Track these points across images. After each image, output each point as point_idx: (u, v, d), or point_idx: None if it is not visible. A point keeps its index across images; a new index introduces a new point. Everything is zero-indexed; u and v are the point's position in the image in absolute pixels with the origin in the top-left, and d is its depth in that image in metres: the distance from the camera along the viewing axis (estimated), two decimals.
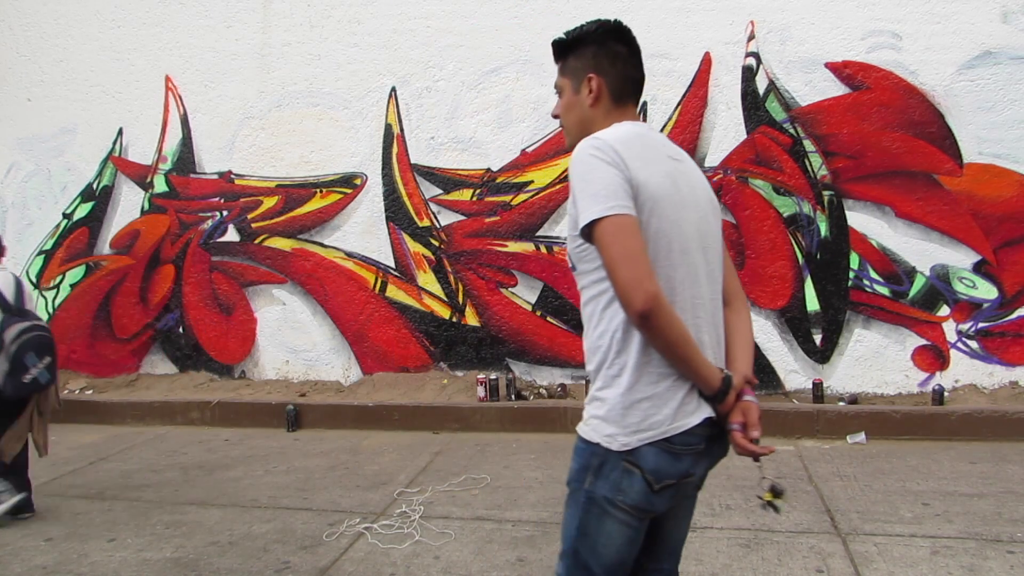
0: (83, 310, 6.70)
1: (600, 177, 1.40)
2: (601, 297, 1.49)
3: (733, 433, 1.49)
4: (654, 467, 1.46)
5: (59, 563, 3.30)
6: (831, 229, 5.28)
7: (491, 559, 3.20)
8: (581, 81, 1.60)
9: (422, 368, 6.04)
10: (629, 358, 1.45)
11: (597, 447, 1.50)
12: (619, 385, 1.46)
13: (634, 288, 1.35)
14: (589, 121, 1.59)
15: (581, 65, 1.60)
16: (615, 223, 1.37)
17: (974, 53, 5.01)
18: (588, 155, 1.42)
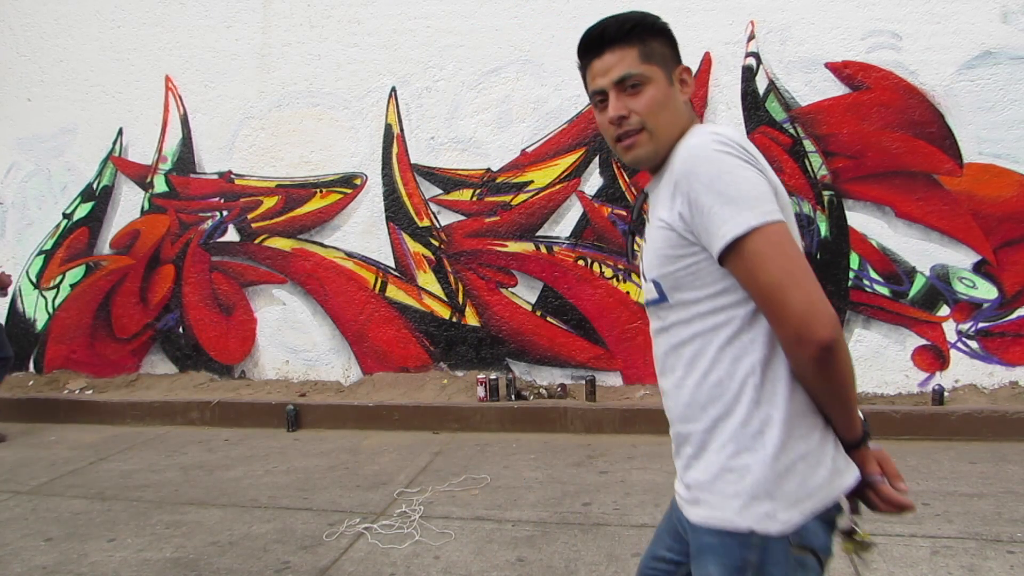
0: (83, 310, 6.70)
1: (744, 178, 1.12)
2: (719, 332, 1.19)
3: (879, 487, 1.24)
4: (824, 545, 1.17)
5: (59, 563, 3.30)
6: (831, 229, 5.28)
7: (491, 559, 3.20)
8: (672, 72, 1.32)
9: (422, 368, 6.04)
10: (775, 409, 1.16)
11: (750, 536, 1.13)
12: (765, 445, 1.14)
13: (815, 313, 1.07)
14: (686, 121, 1.31)
15: (670, 53, 1.32)
16: (776, 232, 1.10)
17: (974, 53, 5.01)
18: (717, 152, 1.15)
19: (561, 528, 3.51)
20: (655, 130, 1.28)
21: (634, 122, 1.28)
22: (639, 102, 1.28)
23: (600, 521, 3.58)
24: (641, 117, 1.27)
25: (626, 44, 1.28)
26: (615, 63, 1.28)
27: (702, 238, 1.16)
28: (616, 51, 1.28)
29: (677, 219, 1.19)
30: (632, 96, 1.27)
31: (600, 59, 1.29)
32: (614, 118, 1.29)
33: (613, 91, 1.28)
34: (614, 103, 1.28)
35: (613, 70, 1.28)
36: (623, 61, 1.27)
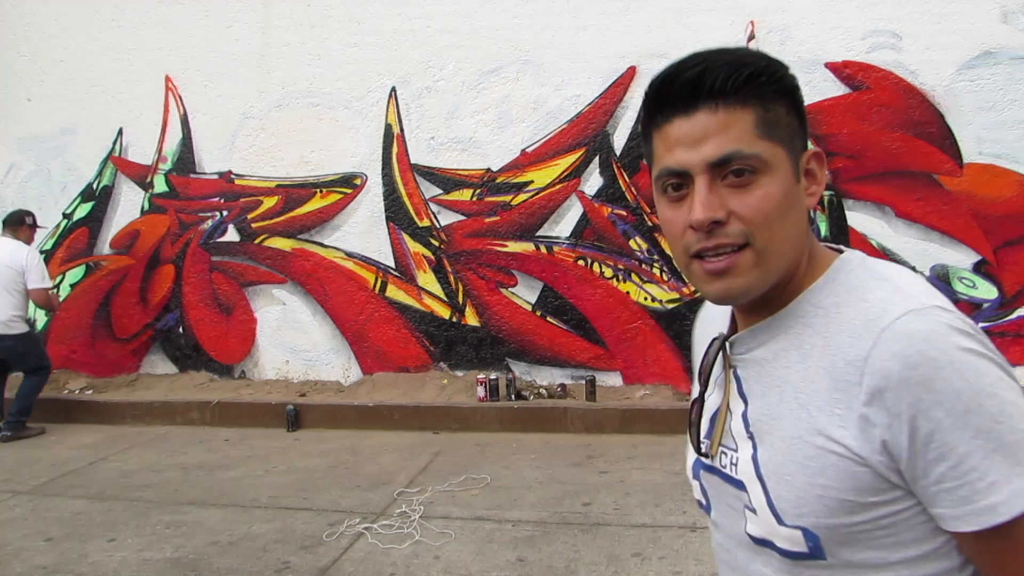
0: (83, 310, 6.69)
1: (1018, 406, 0.74)
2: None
3: None
4: None
5: (59, 563, 3.30)
6: (831, 229, 5.28)
7: (491, 559, 3.20)
8: (800, 158, 0.86)
9: (422, 368, 6.04)
10: None
11: None
12: None
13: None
14: (807, 241, 0.88)
15: (799, 128, 0.86)
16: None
17: (974, 53, 5.01)
18: (967, 353, 0.74)
19: (561, 528, 3.51)
20: (768, 250, 0.82)
21: (735, 232, 0.81)
22: (748, 201, 0.81)
23: (600, 521, 3.58)
24: (748, 227, 0.81)
25: (738, 103, 0.80)
26: (716, 131, 0.80)
27: (926, 488, 0.75)
28: (720, 111, 0.80)
29: (876, 450, 0.76)
30: (736, 190, 0.81)
31: (688, 118, 0.81)
32: (703, 222, 0.80)
33: (704, 177, 0.81)
34: (705, 197, 0.80)
35: (710, 142, 0.80)
36: (731, 130, 0.80)
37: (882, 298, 0.80)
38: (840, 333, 0.81)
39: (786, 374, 0.85)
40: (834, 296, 0.85)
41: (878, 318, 0.78)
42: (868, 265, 0.87)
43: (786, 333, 0.87)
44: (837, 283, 0.86)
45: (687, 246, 0.84)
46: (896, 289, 0.81)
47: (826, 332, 0.83)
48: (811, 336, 0.84)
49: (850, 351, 0.79)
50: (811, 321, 0.85)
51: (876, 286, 0.83)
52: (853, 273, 0.86)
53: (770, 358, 0.88)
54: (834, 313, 0.83)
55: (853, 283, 0.85)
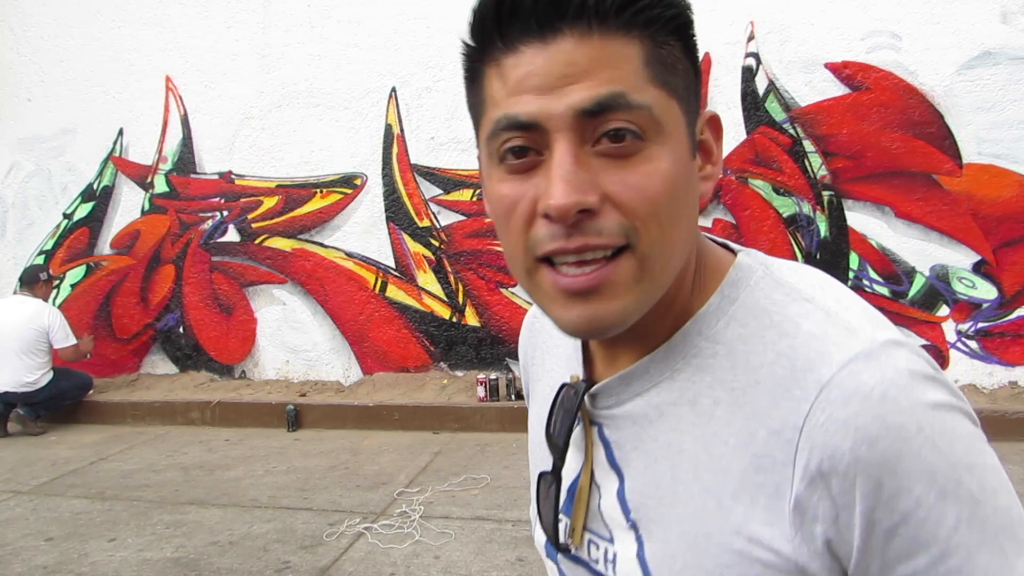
0: (83, 310, 6.70)
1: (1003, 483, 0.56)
2: None
3: None
4: None
5: (59, 563, 3.30)
6: (831, 229, 5.28)
7: (491, 559, 3.20)
8: (696, 122, 0.62)
9: (422, 368, 6.04)
10: None
11: None
12: None
13: None
14: (698, 240, 0.67)
15: (694, 78, 0.62)
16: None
17: (974, 53, 5.02)
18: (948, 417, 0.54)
19: None
20: (653, 256, 0.57)
21: (611, 228, 0.55)
22: (630, 179, 0.55)
23: None
24: (629, 220, 0.55)
25: (621, 30, 0.55)
26: (589, 66, 0.54)
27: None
28: (596, 39, 0.54)
29: (817, 551, 0.55)
30: (614, 163, 0.55)
31: (545, 47, 0.55)
32: (566, 208, 0.54)
33: (569, 137, 0.55)
34: (570, 169, 0.54)
35: (581, 83, 0.54)
36: (610, 67, 0.54)
37: (810, 331, 0.57)
38: (755, 385, 0.58)
39: (679, 440, 0.61)
40: (737, 325, 0.61)
41: (812, 367, 0.55)
42: (775, 274, 0.64)
43: (672, 380, 0.62)
44: (738, 304, 0.62)
45: (533, 243, 0.57)
46: (826, 315, 0.58)
47: (733, 382, 0.59)
48: (711, 386, 0.60)
49: (774, 416, 0.56)
50: (707, 363, 0.61)
51: (796, 310, 0.59)
52: (758, 288, 0.62)
53: (652, 416, 0.63)
54: (740, 351, 0.59)
55: (761, 304, 0.61)
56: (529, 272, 0.60)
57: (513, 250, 0.60)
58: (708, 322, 0.62)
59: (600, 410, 0.67)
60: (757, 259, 0.66)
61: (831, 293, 0.62)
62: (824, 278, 0.65)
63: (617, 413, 0.66)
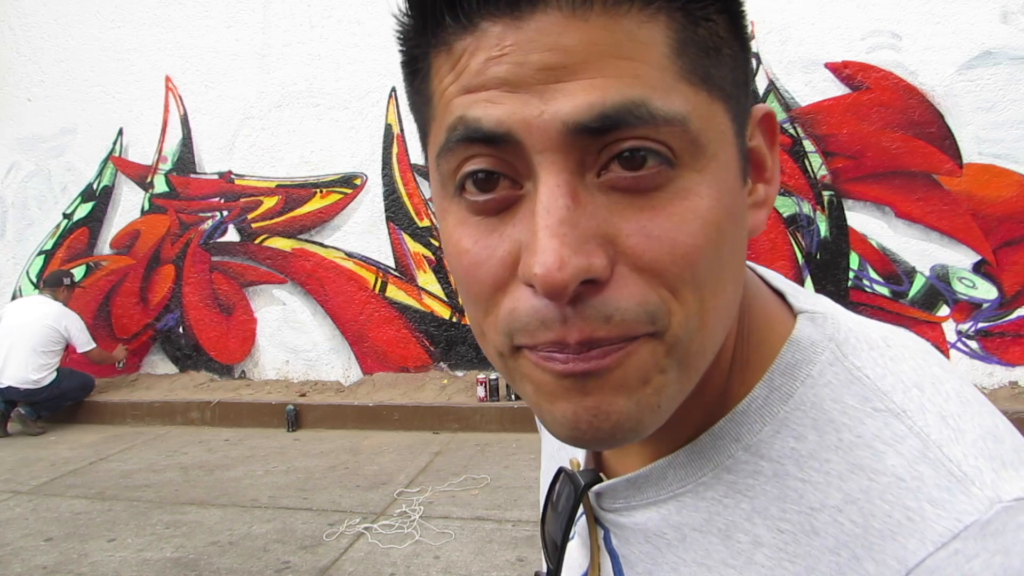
0: (83, 310, 6.69)
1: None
2: None
3: None
4: None
5: (59, 563, 3.30)
6: (831, 229, 5.28)
7: (491, 559, 3.20)
8: (745, 128, 0.43)
9: (422, 368, 6.04)
10: None
11: None
12: None
13: None
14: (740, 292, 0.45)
15: (743, 67, 0.42)
16: None
17: (974, 53, 5.01)
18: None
19: None
20: (692, 333, 0.39)
21: (629, 307, 0.37)
22: (660, 231, 0.37)
23: None
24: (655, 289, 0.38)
25: (641, 4, 0.37)
26: (589, 53, 0.36)
27: None
28: (593, 12, 0.36)
29: None
30: (629, 204, 0.38)
31: (518, 22, 0.36)
32: (557, 280, 0.35)
33: (561, 162, 0.37)
34: (563, 209, 0.36)
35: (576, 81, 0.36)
36: (622, 55, 0.36)
37: (897, 473, 0.39)
38: (811, 535, 0.40)
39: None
40: (790, 436, 0.43)
41: (895, 534, 0.37)
42: (850, 358, 0.45)
43: (697, 496, 0.46)
44: (793, 405, 0.44)
45: (511, 327, 0.40)
46: (924, 446, 0.40)
47: (781, 520, 0.42)
48: (750, 519, 0.43)
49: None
50: (745, 483, 0.44)
51: (878, 430, 0.41)
52: (823, 381, 0.44)
53: (671, 538, 0.47)
54: (793, 478, 0.42)
55: (827, 409, 0.43)
56: (503, 357, 0.42)
57: (481, 323, 0.42)
58: (750, 425, 0.44)
59: (607, 512, 0.51)
60: (825, 329, 0.46)
61: (935, 401, 0.42)
62: (925, 365, 0.45)
63: (626, 523, 0.50)
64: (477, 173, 0.39)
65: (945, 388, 0.43)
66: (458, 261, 0.41)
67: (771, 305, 0.49)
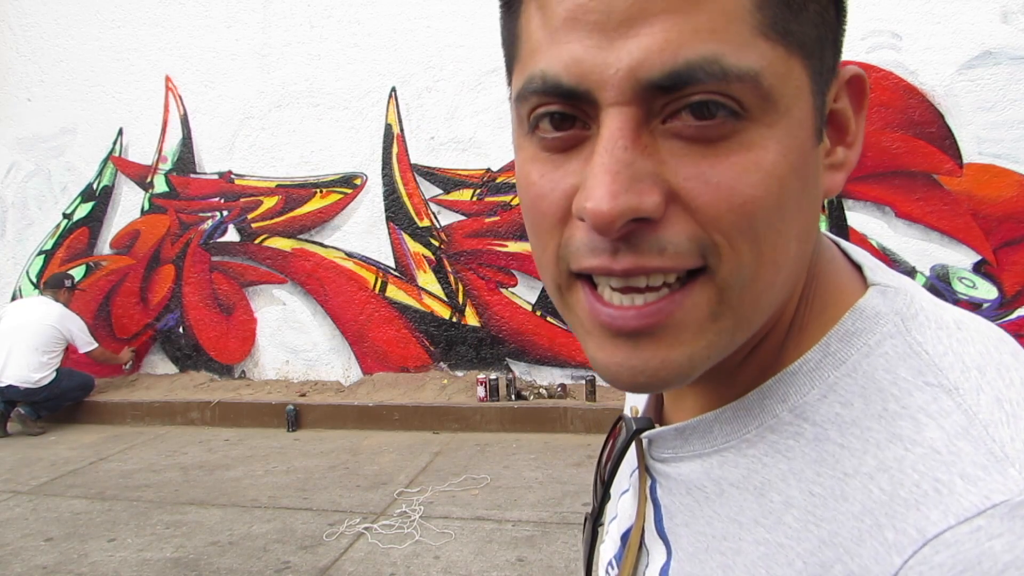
0: (83, 310, 6.69)
1: None
2: None
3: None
4: None
5: (59, 563, 3.30)
6: (831, 229, 5.28)
7: (491, 559, 3.20)
8: (827, 89, 0.43)
9: (422, 368, 6.04)
10: None
11: None
12: None
13: None
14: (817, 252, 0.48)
15: (834, 22, 0.42)
16: None
17: (974, 53, 5.01)
18: None
19: (561, 528, 3.51)
20: (745, 285, 0.40)
21: (679, 244, 0.39)
22: (718, 176, 0.38)
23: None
24: (710, 232, 0.39)
25: None
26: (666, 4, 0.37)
27: None
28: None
29: None
30: (696, 149, 0.38)
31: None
32: (611, 218, 0.37)
33: (628, 112, 0.38)
34: (620, 154, 0.38)
35: (650, 29, 0.37)
36: (699, 4, 0.37)
37: (934, 444, 0.38)
38: (841, 499, 0.40)
39: (736, 536, 0.45)
40: (837, 402, 0.43)
41: (920, 503, 0.37)
42: (913, 333, 0.43)
43: (739, 452, 0.46)
44: (845, 371, 0.43)
45: (566, 252, 0.42)
46: (968, 422, 0.38)
47: (814, 483, 0.42)
48: (784, 479, 0.43)
49: (856, 555, 0.38)
50: (786, 444, 0.44)
51: (925, 403, 0.40)
52: (880, 351, 0.43)
53: (711, 491, 0.47)
54: (833, 443, 0.42)
55: (879, 378, 0.42)
56: (560, 289, 0.44)
57: (541, 255, 0.44)
58: (798, 387, 0.44)
59: (655, 461, 0.53)
60: (895, 303, 0.45)
61: (995, 384, 0.40)
62: (995, 352, 0.42)
63: (672, 473, 0.51)
64: (552, 114, 0.41)
65: (1011, 375, 0.41)
66: (526, 193, 0.44)
67: (844, 275, 0.49)
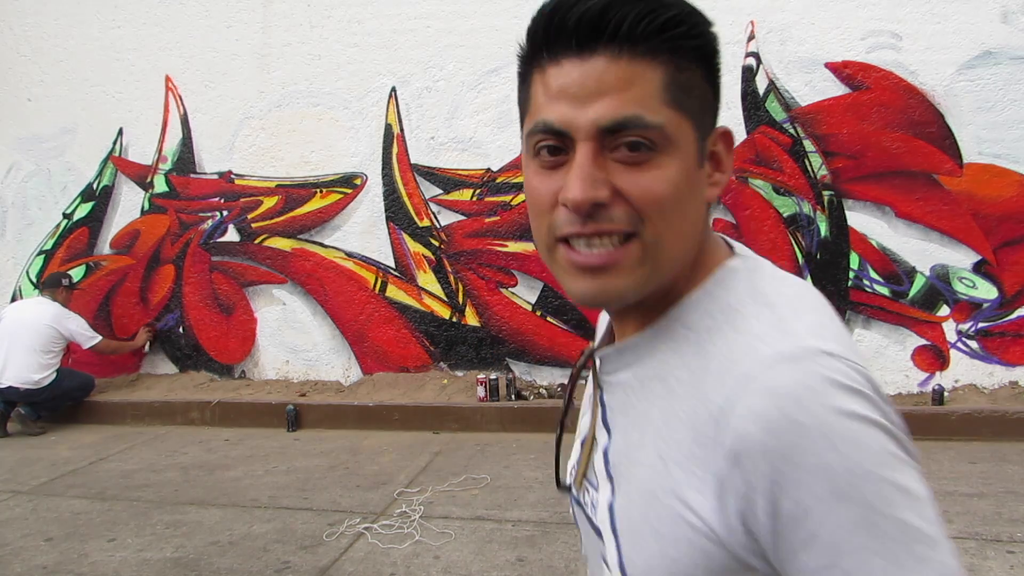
0: (83, 310, 6.69)
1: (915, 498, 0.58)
2: None
3: None
4: None
5: (59, 563, 3.30)
6: (831, 229, 5.28)
7: (491, 559, 3.20)
8: (708, 137, 0.71)
9: (422, 368, 6.04)
10: None
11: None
12: None
13: None
14: (703, 238, 0.74)
15: (711, 99, 0.71)
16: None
17: (974, 53, 5.01)
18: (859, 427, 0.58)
19: (561, 528, 3.51)
20: (658, 244, 0.66)
21: (620, 217, 0.65)
22: (640, 182, 0.65)
23: None
24: (637, 212, 0.65)
25: (647, 55, 0.64)
26: (614, 86, 0.64)
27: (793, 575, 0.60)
28: (624, 61, 0.64)
29: (733, 525, 0.61)
30: (628, 168, 0.65)
31: (581, 63, 0.64)
32: (581, 203, 0.64)
33: (590, 146, 0.64)
34: (587, 171, 0.64)
35: (605, 100, 0.64)
36: (632, 89, 0.64)
37: (756, 332, 0.65)
38: (705, 371, 0.66)
39: (649, 410, 0.70)
40: (708, 317, 0.69)
41: (743, 360, 0.63)
42: (756, 278, 0.71)
43: (652, 356, 0.72)
44: (714, 299, 0.70)
45: (554, 225, 0.68)
46: (777, 321, 0.65)
47: (693, 365, 0.67)
48: (677, 367, 0.69)
49: (712, 399, 0.63)
50: (680, 347, 0.70)
51: (755, 312, 0.67)
52: (734, 288, 0.70)
53: (636, 386, 0.73)
54: (705, 340, 0.68)
55: (731, 302, 0.69)
56: (550, 249, 0.70)
57: (539, 230, 0.71)
58: (689, 310, 0.71)
59: (604, 375, 0.79)
60: (750, 261, 0.74)
61: (796, 304, 0.68)
62: (802, 292, 0.70)
63: (612, 380, 0.77)
64: (548, 146, 0.67)
65: (809, 301, 0.69)
66: (532, 193, 0.70)
67: (721, 252, 0.76)
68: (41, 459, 5.03)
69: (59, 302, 6.02)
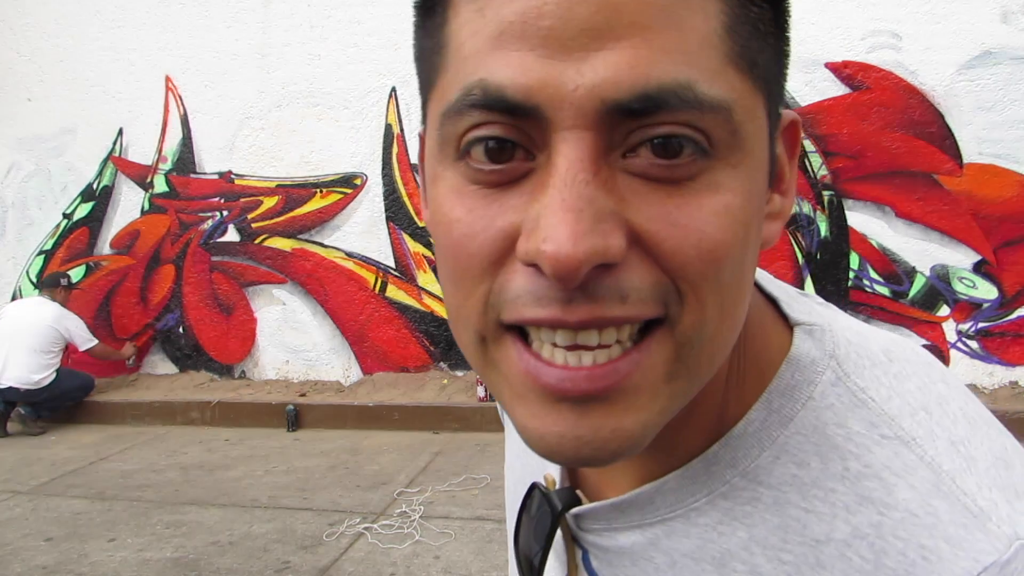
0: (83, 310, 6.69)
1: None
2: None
3: None
4: None
5: (59, 563, 3.30)
6: (831, 229, 5.28)
7: (491, 559, 3.20)
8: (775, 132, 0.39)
9: (422, 368, 6.04)
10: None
11: None
12: None
13: None
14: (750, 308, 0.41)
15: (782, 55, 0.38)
16: None
17: (974, 53, 5.01)
18: None
19: None
20: (701, 339, 0.36)
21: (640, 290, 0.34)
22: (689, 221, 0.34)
23: None
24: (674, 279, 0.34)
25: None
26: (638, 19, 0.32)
27: None
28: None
29: None
30: (658, 190, 0.34)
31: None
32: (570, 259, 0.31)
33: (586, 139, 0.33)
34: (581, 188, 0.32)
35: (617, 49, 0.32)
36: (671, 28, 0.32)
37: (909, 507, 0.37)
38: (817, 569, 0.39)
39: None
40: (791, 463, 0.41)
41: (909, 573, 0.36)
42: (852, 378, 0.42)
43: (688, 522, 0.43)
44: (794, 429, 0.41)
45: (500, 299, 0.36)
46: (936, 477, 0.38)
47: (782, 550, 0.40)
48: (747, 548, 0.41)
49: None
50: (743, 510, 0.41)
51: (887, 459, 0.39)
52: (826, 404, 0.41)
53: (659, 561, 0.44)
54: (795, 507, 0.40)
55: (830, 435, 0.40)
56: (484, 342, 0.37)
57: (462, 303, 0.37)
58: (746, 450, 0.42)
59: (585, 533, 0.48)
60: (824, 344, 0.43)
61: (943, 424, 0.40)
62: (930, 383, 0.42)
63: (608, 545, 0.47)
64: (488, 140, 0.34)
65: (952, 408, 0.41)
66: (446, 231, 0.36)
67: (766, 315, 0.45)
68: (41, 459, 5.03)
69: (57, 301, 6.03)
